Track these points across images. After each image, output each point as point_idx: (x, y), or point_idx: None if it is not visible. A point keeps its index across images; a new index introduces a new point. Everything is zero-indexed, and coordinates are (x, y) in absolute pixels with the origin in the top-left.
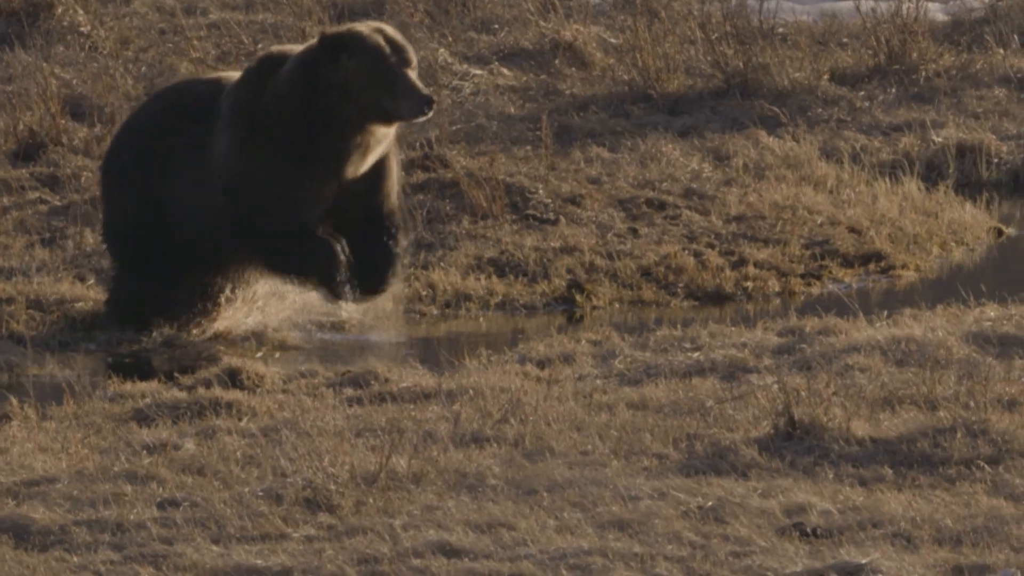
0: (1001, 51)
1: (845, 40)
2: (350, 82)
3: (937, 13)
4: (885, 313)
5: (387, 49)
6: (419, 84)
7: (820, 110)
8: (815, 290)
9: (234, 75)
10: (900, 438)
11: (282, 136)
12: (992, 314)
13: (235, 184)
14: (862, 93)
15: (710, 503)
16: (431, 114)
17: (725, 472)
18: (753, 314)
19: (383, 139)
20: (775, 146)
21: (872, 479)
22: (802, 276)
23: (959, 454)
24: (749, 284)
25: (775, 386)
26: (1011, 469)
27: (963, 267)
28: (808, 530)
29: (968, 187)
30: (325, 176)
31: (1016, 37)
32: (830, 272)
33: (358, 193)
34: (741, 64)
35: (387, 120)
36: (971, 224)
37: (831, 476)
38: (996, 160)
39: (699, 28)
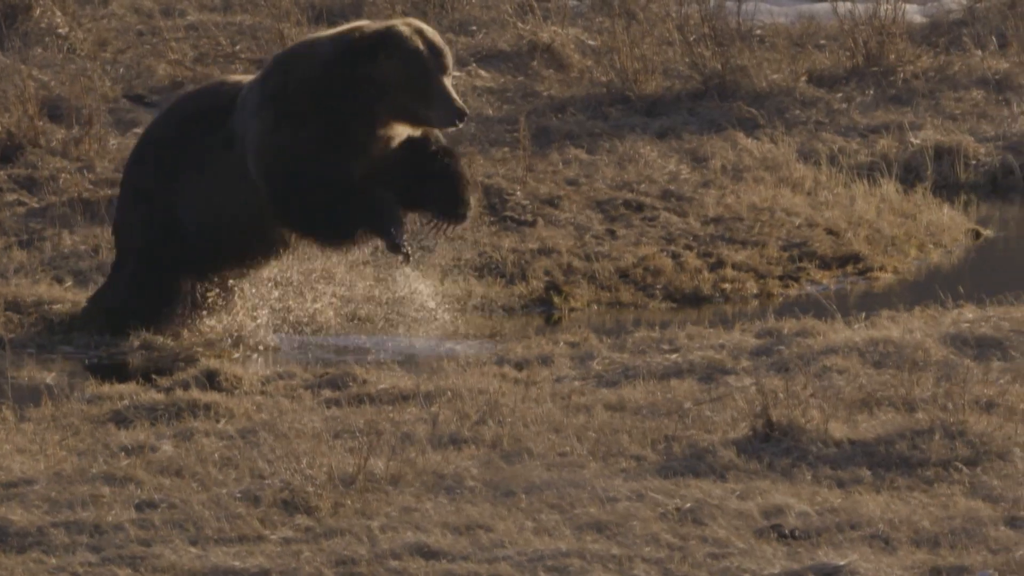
0: (979, 53)
1: (823, 42)
2: (386, 82)
3: (915, 15)
4: (863, 315)
5: (426, 53)
6: (454, 94)
7: (798, 112)
8: (793, 292)
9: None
10: (878, 440)
11: (311, 118)
12: (970, 316)
13: (272, 163)
14: (840, 95)
15: (688, 505)
16: (462, 126)
17: (703, 474)
18: (731, 316)
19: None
20: (753, 148)
21: (850, 481)
22: (780, 278)
23: (937, 456)
24: (727, 286)
25: (753, 388)
26: (989, 471)
27: (941, 269)
28: (786, 532)
29: (946, 189)
30: (354, 155)
31: (994, 39)
32: (808, 274)
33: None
34: (719, 66)
35: (416, 124)
36: (949, 226)
37: (809, 478)
38: (974, 162)
39: (677, 30)
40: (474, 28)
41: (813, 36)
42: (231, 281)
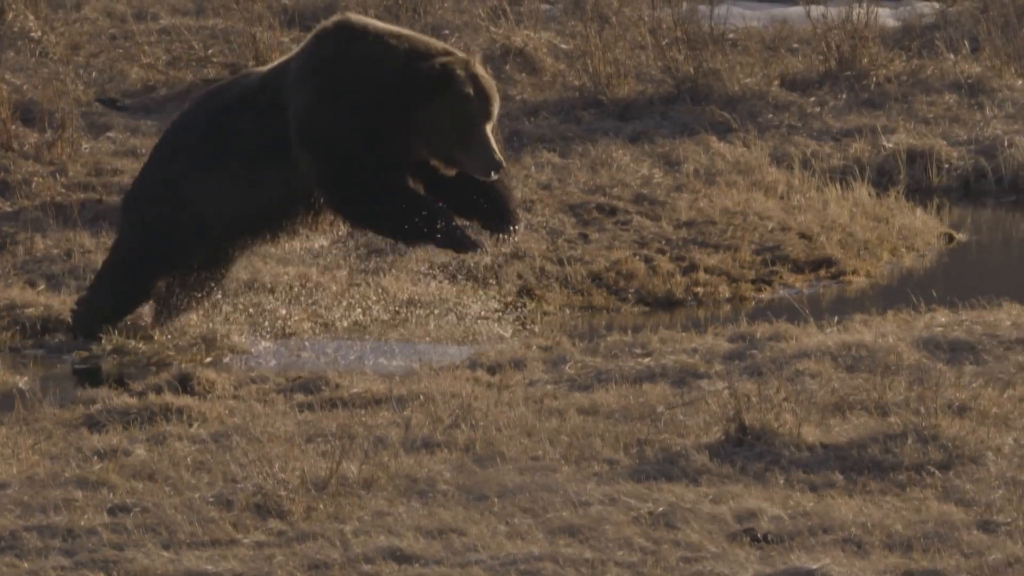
0: (952, 57)
1: (795, 46)
2: (430, 123)
3: (888, 19)
4: (836, 319)
5: (474, 100)
6: (493, 144)
7: (771, 116)
8: (766, 296)
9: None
10: (851, 444)
11: (356, 113)
12: (943, 320)
13: (315, 135)
14: (812, 99)
15: (661, 509)
16: (495, 177)
17: (676, 478)
18: (704, 320)
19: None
20: (726, 152)
21: (823, 485)
22: (753, 282)
23: (909, 460)
24: (700, 290)
25: (726, 392)
26: (961, 475)
27: (914, 273)
28: (759, 536)
29: (919, 193)
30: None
31: (966, 43)
32: (781, 278)
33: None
34: (691, 70)
35: (451, 166)
36: (922, 230)
37: (782, 482)
38: (947, 166)
39: (650, 34)
40: (447, 32)
41: (786, 40)
42: (212, 283)
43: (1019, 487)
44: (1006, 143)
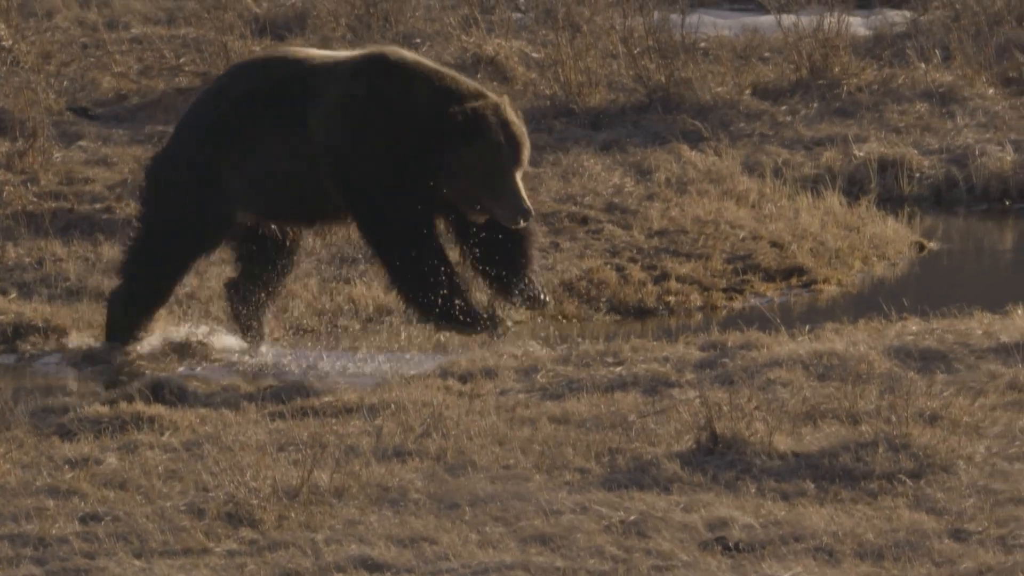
0: (923, 66)
1: (767, 54)
2: (459, 169)
3: (859, 27)
4: (807, 327)
5: (504, 147)
6: (522, 191)
7: (742, 124)
8: (737, 304)
9: (312, 52)
10: (822, 452)
11: (386, 159)
12: (914, 328)
13: (346, 177)
14: (784, 107)
15: (632, 517)
16: (523, 225)
17: (647, 486)
18: (675, 328)
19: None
20: (697, 160)
21: (794, 493)
22: (724, 290)
23: (881, 468)
24: (671, 298)
25: (697, 400)
26: (932, 483)
27: (885, 281)
28: (730, 544)
29: (890, 201)
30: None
31: (937, 52)
32: (752, 286)
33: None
34: (663, 78)
35: (479, 213)
36: (893, 238)
37: (753, 490)
38: (918, 175)
39: (621, 43)
40: (418, 41)
41: (757, 49)
42: (277, 274)
43: (990, 496)
44: (977, 152)
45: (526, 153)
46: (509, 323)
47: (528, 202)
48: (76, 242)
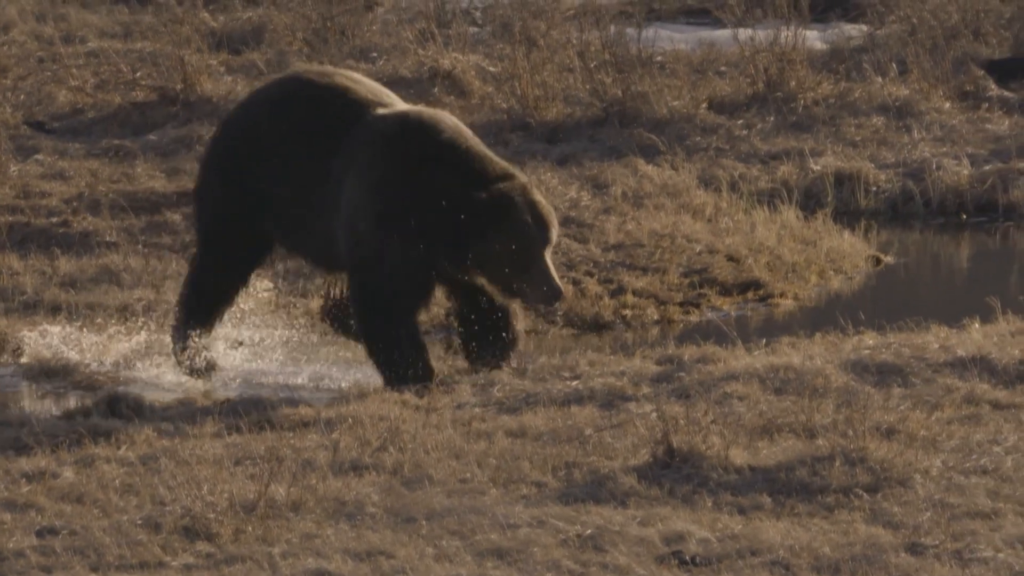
0: (879, 79)
1: (723, 69)
2: (487, 253)
3: (815, 41)
4: (763, 341)
5: (532, 228)
6: (553, 272)
7: (698, 138)
8: (693, 318)
9: (362, 91)
10: (778, 466)
11: (407, 241)
12: (870, 342)
13: (364, 258)
14: (740, 121)
15: (589, 531)
16: (556, 306)
17: (604, 500)
18: (632, 342)
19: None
20: (654, 174)
21: (750, 507)
22: (680, 304)
23: (837, 482)
24: (628, 312)
25: (654, 414)
26: (889, 497)
27: (841, 295)
28: (687, 558)
29: (846, 215)
30: (427, 296)
31: (894, 66)
32: (708, 300)
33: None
34: (620, 93)
35: (509, 296)
36: (849, 252)
37: (710, 504)
38: (874, 188)
39: (578, 57)
40: (375, 55)
41: (713, 63)
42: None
43: (946, 509)
44: (934, 166)
45: (554, 232)
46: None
47: (559, 282)
48: (33, 256)
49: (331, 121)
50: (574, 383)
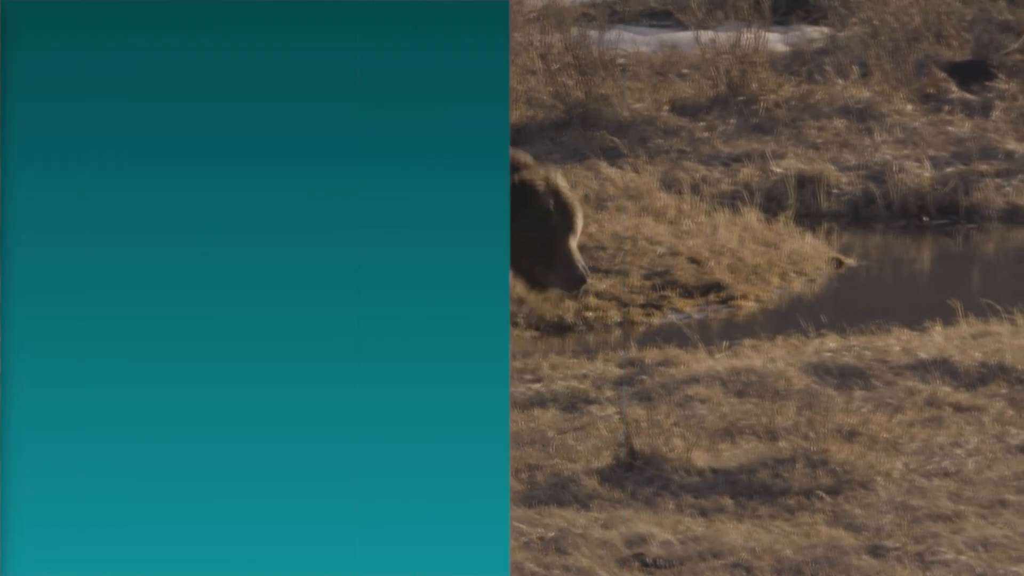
0: (841, 82)
1: (685, 71)
2: (511, 243)
3: (777, 44)
4: (725, 344)
5: (555, 214)
6: (578, 257)
7: (660, 141)
8: (656, 320)
9: None
10: (740, 468)
11: None
12: (832, 345)
13: None
14: (702, 124)
15: (551, 534)
16: (583, 291)
17: (566, 503)
18: (594, 345)
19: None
20: (616, 177)
21: (712, 509)
22: (643, 306)
23: (799, 484)
24: (590, 314)
25: (616, 417)
26: (851, 499)
27: (803, 298)
28: (648, 561)
29: (808, 218)
30: None
31: (856, 68)
32: (670, 302)
33: None
34: (582, 95)
35: (531, 285)
36: (811, 255)
37: (672, 506)
38: (836, 191)
39: (540, 58)
40: None
41: (675, 65)
42: None
43: (908, 512)
44: (895, 168)
45: (579, 221)
46: None
47: (584, 270)
48: None
49: None
50: (536, 386)
